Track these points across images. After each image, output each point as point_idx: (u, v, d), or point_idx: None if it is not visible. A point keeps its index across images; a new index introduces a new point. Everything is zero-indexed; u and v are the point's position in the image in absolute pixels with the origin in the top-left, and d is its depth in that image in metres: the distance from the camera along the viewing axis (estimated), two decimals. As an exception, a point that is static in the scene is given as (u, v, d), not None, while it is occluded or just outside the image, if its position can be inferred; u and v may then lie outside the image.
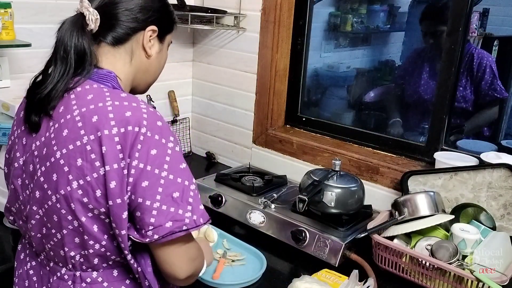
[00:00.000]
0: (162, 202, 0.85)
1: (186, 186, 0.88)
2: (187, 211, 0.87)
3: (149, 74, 1.05)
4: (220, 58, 2.08)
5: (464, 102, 2.20)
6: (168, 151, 0.87)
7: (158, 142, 0.86)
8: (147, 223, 0.85)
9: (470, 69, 2.18)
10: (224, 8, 1.95)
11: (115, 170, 0.84)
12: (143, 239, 0.86)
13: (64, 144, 0.87)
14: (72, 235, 0.91)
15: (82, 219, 0.88)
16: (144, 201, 0.85)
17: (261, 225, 1.52)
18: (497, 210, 1.41)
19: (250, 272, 1.32)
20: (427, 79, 2.23)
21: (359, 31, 2.95)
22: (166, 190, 0.86)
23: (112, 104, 0.87)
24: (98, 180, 0.85)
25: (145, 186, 0.85)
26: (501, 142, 2.34)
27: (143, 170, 0.84)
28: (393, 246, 1.31)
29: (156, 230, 0.85)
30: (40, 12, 1.65)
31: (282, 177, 1.81)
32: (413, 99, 2.31)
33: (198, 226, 0.88)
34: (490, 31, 2.75)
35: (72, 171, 0.86)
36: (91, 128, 0.86)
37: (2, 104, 1.56)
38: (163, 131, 0.88)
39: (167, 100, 2.17)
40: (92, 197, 0.86)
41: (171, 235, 0.85)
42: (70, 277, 0.95)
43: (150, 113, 0.88)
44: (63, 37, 0.91)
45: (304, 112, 2.05)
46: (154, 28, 0.98)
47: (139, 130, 0.85)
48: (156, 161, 0.85)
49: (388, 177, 1.64)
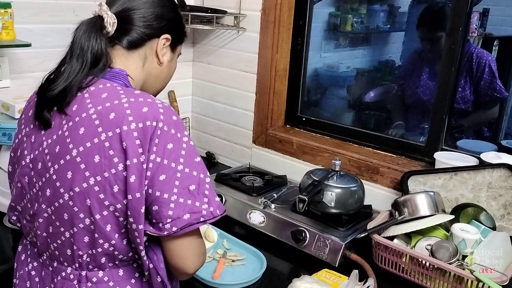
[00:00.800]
0: (180, 195, 0.87)
1: (201, 179, 0.91)
2: (204, 203, 0.89)
3: (159, 81, 1.08)
4: (220, 58, 2.08)
5: (463, 102, 2.19)
6: (183, 145, 0.90)
7: (174, 136, 0.89)
8: (165, 216, 0.87)
9: (469, 68, 2.18)
10: (224, 8, 1.95)
11: (135, 165, 0.86)
12: (160, 232, 0.88)
13: (81, 142, 0.89)
14: (82, 234, 0.91)
15: (97, 217, 0.89)
16: (162, 194, 0.87)
17: (261, 225, 1.52)
18: (497, 210, 1.41)
19: (250, 272, 1.33)
20: (426, 80, 2.23)
21: (359, 31, 2.95)
22: (182, 183, 0.88)
23: (128, 101, 0.89)
24: (116, 176, 0.87)
25: (163, 180, 0.86)
26: (501, 142, 2.34)
27: (160, 164, 0.86)
28: (393, 246, 1.31)
29: (175, 222, 0.87)
30: (40, 12, 1.65)
31: (282, 177, 1.81)
32: (413, 99, 2.31)
33: (215, 217, 0.91)
34: (490, 31, 2.75)
35: (89, 168, 0.88)
36: (109, 125, 0.87)
37: (2, 104, 1.56)
38: (178, 126, 0.91)
39: (167, 100, 2.17)
40: (109, 193, 0.88)
41: (189, 227, 0.87)
42: (76, 277, 0.95)
43: (165, 108, 0.91)
44: (81, 38, 0.93)
45: (304, 112, 2.05)
46: (168, 37, 1.02)
47: (156, 124, 0.87)
48: (172, 155, 0.88)
49: (388, 177, 1.64)
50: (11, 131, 1.45)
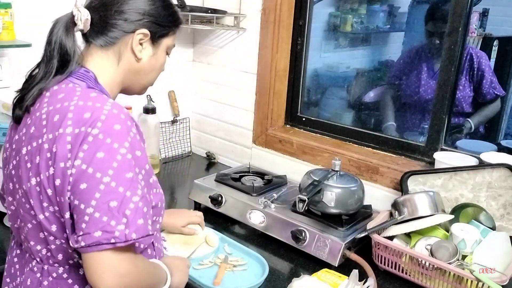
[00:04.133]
0: (96, 209, 0.81)
1: (126, 197, 0.83)
2: (121, 223, 0.81)
3: (141, 76, 1.04)
4: (220, 58, 2.08)
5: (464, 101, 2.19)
6: (118, 156, 0.83)
7: (108, 146, 0.83)
8: (79, 228, 0.82)
9: (469, 68, 2.18)
10: (224, 8, 1.95)
11: (61, 169, 0.84)
12: (74, 244, 0.83)
13: (29, 141, 0.90)
14: (36, 230, 0.92)
15: (40, 217, 0.89)
16: (80, 204, 0.82)
17: (261, 225, 1.52)
18: (496, 210, 1.41)
19: (252, 277, 1.30)
20: (426, 79, 2.23)
21: (359, 31, 2.95)
22: (103, 197, 0.81)
23: (76, 104, 0.87)
24: (49, 179, 0.86)
25: (83, 189, 0.82)
26: (500, 142, 2.34)
27: (83, 172, 0.82)
28: (393, 246, 1.31)
29: (84, 237, 0.81)
30: (40, 12, 1.65)
31: (282, 177, 1.81)
32: (413, 99, 2.31)
33: (127, 241, 0.82)
34: (489, 31, 2.75)
35: (32, 168, 0.88)
36: (51, 127, 0.87)
37: (2, 104, 1.56)
38: (118, 136, 0.84)
39: (167, 100, 2.17)
40: (45, 195, 0.87)
41: (96, 246, 0.81)
42: (39, 270, 0.96)
43: (110, 115, 0.86)
44: (51, 35, 0.94)
45: (304, 112, 2.05)
46: (144, 32, 0.97)
47: (90, 131, 0.84)
48: (100, 165, 0.82)
49: (388, 177, 1.64)
50: (11, 131, 1.45)
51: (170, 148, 2.22)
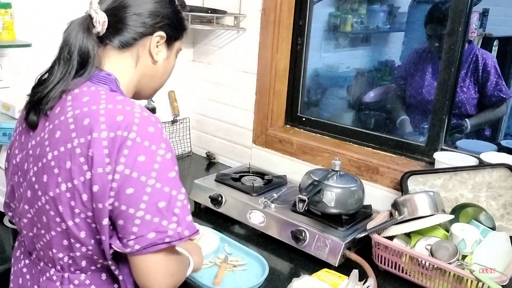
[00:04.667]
0: (147, 212, 0.83)
1: (173, 196, 0.85)
2: (172, 222, 0.84)
3: (155, 79, 1.05)
4: (220, 58, 2.08)
5: (468, 103, 2.18)
6: (158, 158, 0.84)
7: (147, 149, 0.84)
8: (129, 232, 0.83)
9: (474, 69, 2.16)
10: (224, 8, 1.95)
11: (99, 175, 0.83)
12: (124, 248, 0.84)
13: (56, 145, 0.87)
14: (60, 237, 0.90)
15: (69, 223, 0.87)
16: (128, 209, 0.83)
17: (261, 225, 1.52)
18: (496, 210, 1.41)
19: (252, 277, 1.30)
20: (427, 79, 2.23)
21: (359, 31, 2.95)
22: (151, 199, 0.83)
23: (105, 107, 0.86)
24: (85, 184, 0.84)
25: (130, 194, 0.82)
26: (500, 142, 2.34)
27: (128, 177, 0.82)
28: (393, 246, 1.31)
29: (138, 240, 0.82)
30: (40, 12, 1.65)
31: (282, 177, 1.81)
32: (413, 100, 2.31)
33: (182, 239, 0.85)
34: (490, 31, 2.75)
35: (61, 174, 0.86)
36: (82, 131, 0.85)
37: (2, 104, 1.56)
38: (154, 138, 0.85)
39: (167, 100, 2.17)
40: (79, 201, 0.85)
41: (152, 247, 0.83)
42: (59, 278, 0.94)
43: (142, 118, 0.86)
44: (69, 37, 0.92)
45: (304, 112, 2.05)
46: (162, 34, 0.98)
47: (128, 135, 0.83)
48: (143, 168, 0.83)
49: (388, 177, 1.64)
50: (11, 131, 1.45)
51: (170, 148, 2.21)
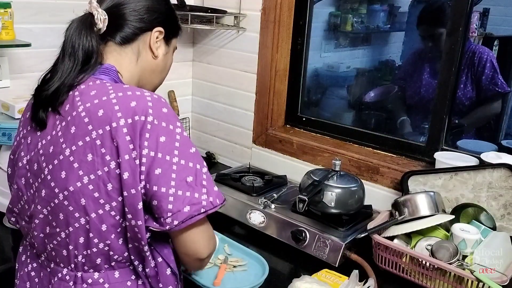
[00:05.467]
0: (178, 188, 0.87)
1: (198, 170, 0.90)
2: (203, 193, 0.89)
3: (155, 75, 1.08)
4: (220, 58, 2.07)
5: (465, 99, 2.18)
6: (177, 136, 0.89)
7: (166, 129, 0.88)
8: (165, 210, 0.86)
9: (471, 65, 2.16)
10: (224, 8, 1.95)
11: (127, 161, 0.85)
12: (163, 227, 0.87)
13: (73, 141, 0.89)
14: (78, 234, 0.91)
15: (92, 215, 0.89)
16: (160, 189, 0.86)
17: (261, 225, 1.52)
18: (497, 210, 1.41)
19: (252, 278, 1.30)
20: (427, 79, 2.23)
21: (359, 31, 2.95)
22: (179, 175, 0.87)
23: (116, 96, 0.89)
24: (109, 174, 0.86)
25: (159, 174, 0.86)
26: (501, 142, 2.34)
27: (154, 158, 0.86)
28: (393, 246, 1.31)
29: (175, 215, 0.86)
30: (40, 12, 1.65)
31: (282, 177, 1.80)
32: (413, 99, 2.31)
33: (215, 207, 0.90)
34: (490, 31, 2.75)
35: (82, 167, 0.87)
36: (98, 123, 0.87)
37: (2, 104, 1.56)
38: (169, 118, 0.89)
39: (167, 100, 2.17)
40: (103, 191, 0.87)
41: (190, 219, 0.87)
42: (72, 278, 0.95)
43: (155, 101, 0.90)
44: (71, 36, 0.93)
45: (304, 112, 2.04)
46: (160, 30, 1.02)
47: (145, 119, 0.86)
48: (166, 148, 0.87)
49: (388, 177, 1.64)
50: (11, 131, 1.45)
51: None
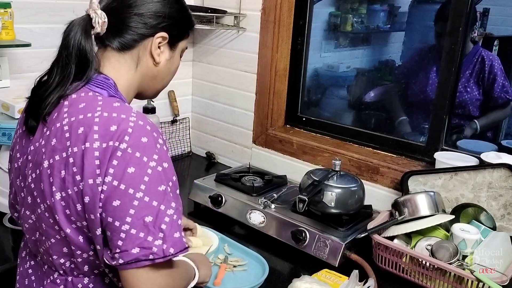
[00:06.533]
0: (132, 226, 0.80)
1: (161, 211, 0.82)
2: (158, 238, 0.81)
3: (157, 81, 1.01)
4: (220, 58, 2.07)
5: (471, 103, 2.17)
6: (148, 170, 0.81)
7: (138, 160, 0.81)
8: (115, 245, 0.81)
9: (479, 71, 2.14)
10: (224, 8, 1.95)
11: (90, 186, 0.81)
12: (111, 261, 0.82)
13: (51, 153, 0.85)
14: (60, 245, 0.90)
15: (67, 231, 0.86)
16: (114, 221, 0.81)
17: (261, 225, 1.52)
18: (497, 210, 1.41)
19: (252, 277, 1.30)
20: (431, 78, 2.22)
21: (359, 31, 2.95)
22: (138, 213, 0.80)
23: (100, 115, 0.84)
24: (78, 194, 0.83)
25: (116, 206, 0.80)
26: (501, 142, 2.33)
27: (116, 188, 0.80)
28: (393, 246, 1.31)
29: (122, 254, 0.80)
30: (40, 12, 1.65)
31: (282, 177, 1.80)
32: (416, 98, 2.31)
33: (166, 257, 0.81)
34: (490, 31, 2.75)
35: (55, 183, 0.84)
36: (75, 140, 0.83)
37: (2, 104, 1.56)
38: (146, 148, 0.82)
39: (167, 100, 2.17)
40: (73, 210, 0.84)
41: (135, 263, 0.80)
42: (62, 282, 0.94)
43: (137, 127, 0.83)
44: (67, 39, 0.88)
45: (304, 112, 2.04)
46: (164, 35, 0.94)
47: (118, 145, 0.81)
48: (132, 180, 0.80)
49: (388, 177, 1.64)
50: (11, 131, 1.45)
51: (170, 148, 2.21)
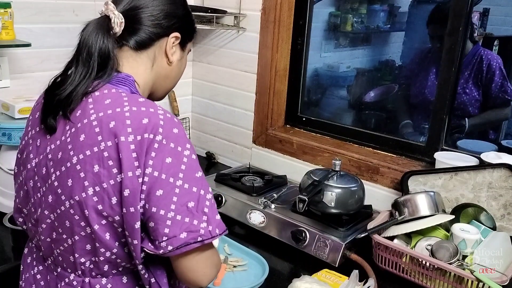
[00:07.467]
0: (177, 212, 0.83)
1: (201, 196, 0.86)
2: (202, 221, 0.85)
3: (169, 80, 1.06)
4: (220, 58, 2.07)
5: (470, 104, 2.17)
6: (184, 159, 0.86)
7: (173, 150, 0.85)
8: (161, 233, 0.83)
9: (478, 71, 2.14)
10: (224, 8, 1.95)
11: (130, 178, 0.83)
12: (157, 250, 0.84)
13: (81, 149, 0.86)
14: (84, 242, 0.90)
15: (95, 227, 0.87)
16: (158, 211, 0.83)
17: (261, 225, 1.52)
18: (497, 210, 1.41)
19: (252, 278, 1.30)
20: (429, 80, 2.22)
21: (359, 31, 2.95)
22: (181, 200, 0.84)
23: (129, 109, 0.86)
24: (115, 187, 0.84)
25: (160, 195, 0.83)
26: (501, 142, 2.34)
27: (157, 179, 0.83)
28: (393, 246, 1.31)
29: (170, 241, 0.83)
30: (40, 12, 1.65)
31: (282, 177, 1.80)
32: (416, 99, 2.31)
33: (213, 237, 0.86)
34: (490, 31, 2.75)
35: (88, 177, 0.85)
36: (108, 134, 0.84)
37: (2, 104, 1.56)
38: (179, 139, 0.87)
39: (167, 100, 2.17)
40: (107, 204, 0.85)
41: (185, 247, 0.84)
42: (79, 283, 0.94)
43: (167, 120, 0.87)
44: (88, 39, 0.90)
45: (304, 112, 2.04)
46: (177, 35, 0.99)
47: (154, 137, 0.84)
48: (171, 170, 0.84)
49: (388, 177, 1.64)
50: (11, 131, 1.45)
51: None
